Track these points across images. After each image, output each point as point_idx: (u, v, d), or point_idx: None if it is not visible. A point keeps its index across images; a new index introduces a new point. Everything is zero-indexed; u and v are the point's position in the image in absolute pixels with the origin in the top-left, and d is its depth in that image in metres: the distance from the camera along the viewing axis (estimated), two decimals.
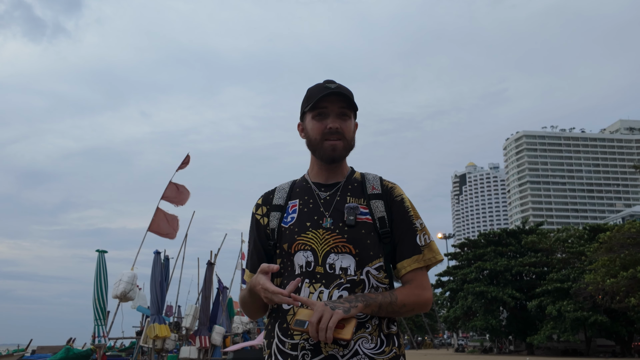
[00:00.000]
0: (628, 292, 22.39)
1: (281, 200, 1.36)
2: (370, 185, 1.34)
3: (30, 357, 10.50)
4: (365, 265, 1.25)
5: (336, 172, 1.35)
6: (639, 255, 22.64)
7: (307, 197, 1.33)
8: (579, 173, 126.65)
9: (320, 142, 1.30)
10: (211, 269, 11.53)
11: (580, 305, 25.84)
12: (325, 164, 1.33)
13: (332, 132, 1.29)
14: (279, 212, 1.34)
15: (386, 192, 1.33)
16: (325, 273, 1.23)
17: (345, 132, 1.31)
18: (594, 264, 24.57)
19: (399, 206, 1.31)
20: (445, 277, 37.31)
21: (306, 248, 1.26)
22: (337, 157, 1.31)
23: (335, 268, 1.23)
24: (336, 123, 1.30)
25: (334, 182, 1.35)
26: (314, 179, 1.37)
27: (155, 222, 9.91)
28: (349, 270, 1.24)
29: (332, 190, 1.33)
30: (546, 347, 32.03)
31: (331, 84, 1.32)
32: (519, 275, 33.00)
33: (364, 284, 1.23)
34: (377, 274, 1.26)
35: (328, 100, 1.30)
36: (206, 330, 10.80)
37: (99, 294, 9.01)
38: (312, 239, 1.26)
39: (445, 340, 56.25)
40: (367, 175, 1.38)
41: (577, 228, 33.05)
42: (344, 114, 1.31)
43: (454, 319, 34.09)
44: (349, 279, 1.23)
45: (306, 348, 1.19)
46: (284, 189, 1.39)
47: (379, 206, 1.30)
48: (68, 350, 8.66)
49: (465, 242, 36.91)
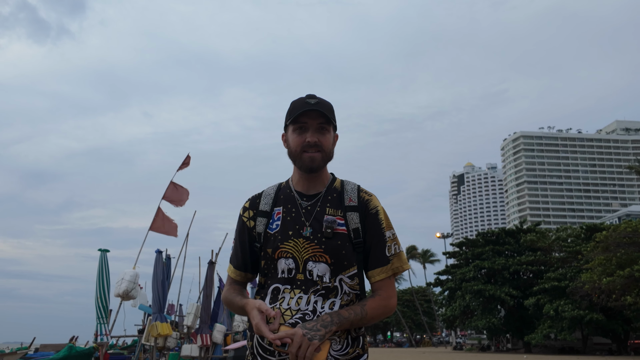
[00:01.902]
0: (624, 291, 22.55)
1: (267, 207, 1.46)
2: (348, 197, 1.43)
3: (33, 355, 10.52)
4: (339, 274, 1.37)
5: (316, 182, 1.45)
6: (634, 254, 22.81)
7: (290, 206, 1.44)
8: (576, 173, 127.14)
9: (300, 153, 1.41)
10: (212, 268, 11.60)
11: (577, 304, 26.01)
12: (304, 173, 1.44)
13: (311, 145, 1.40)
14: (264, 218, 1.45)
15: (362, 204, 1.43)
16: (305, 280, 1.35)
17: (324, 144, 1.41)
18: (590, 263, 24.72)
19: (373, 218, 1.42)
20: (443, 275, 37.47)
21: (288, 256, 1.38)
22: (315, 167, 1.41)
23: (313, 275, 1.36)
24: (314, 137, 1.40)
25: (315, 192, 1.45)
26: (296, 187, 1.47)
27: (157, 222, 9.99)
28: (324, 277, 1.36)
29: (313, 200, 1.43)
30: (543, 345, 32.22)
31: (311, 100, 1.41)
32: (516, 274, 33.18)
33: (337, 290, 1.36)
34: (350, 281, 1.38)
35: (308, 115, 1.40)
36: (207, 328, 10.87)
37: (101, 293, 9.05)
38: (293, 247, 1.38)
39: (444, 339, 56.47)
40: (346, 185, 1.47)
41: (574, 227, 33.26)
42: (323, 128, 1.41)
43: (452, 318, 34.25)
44: (324, 285, 1.35)
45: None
46: (269, 195, 1.48)
47: (354, 218, 1.41)
48: (71, 348, 8.70)
49: (463, 241, 37.07)
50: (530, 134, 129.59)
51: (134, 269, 9.44)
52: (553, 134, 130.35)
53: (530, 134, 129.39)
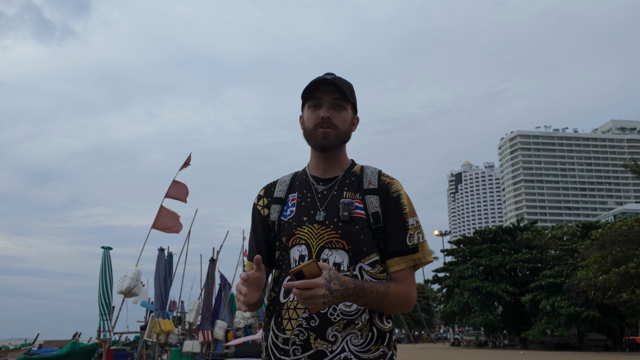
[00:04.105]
0: (619, 288, 22.76)
1: (282, 193, 1.36)
2: (367, 180, 1.32)
3: (37, 351, 10.58)
4: (358, 261, 1.24)
5: (334, 165, 1.34)
6: (630, 251, 23.01)
7: (305, 191, 1.33)
8: (572, 172, 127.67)
9: (313, 130, 1.30)
10: (213, 265, 11.69)
11: (573, 301, 26.24)
12: (318, 152, 1.33)
13: (324, 121, 1.29)
14: (279, 205, 1.34)
15: (383, 187, 1.30)
16: None
17: (338, 122, 1.30)
18: (586, 260, 24.93)
19: (394, 202, 1.29)
20: (441, 273, 37.69)
21: (301, 242, 1.27)
22: (327, 144, 1.30)
23: (329, 263, 1.23)
24: (328, 113, 1.29)
25: (332, 176, 1.34)
26: (312, 172, 1.36)
27: (159, 220, 10.07)
28: (342, 265, 1.23)
29: (330, 184, 1.32)
30: (540, 342, 32.49)
31: (328, 76, 1.32)
32: (513, 271, 33.42)
33: (357, 278, 1.22)
34: (371, 269, 1.25)
35: (323, 90, 1.30)
36: (209, 324, 10.96)
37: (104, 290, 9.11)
38: (307, 233, 1.27)
39: (442, 335, 56.77)
40: (366, 169, 1.36)
41: (569, 225, 33.52)
42: (338, 105, 1.31)
43: (450, 314, 34.47)
44: (342, 274, 1.20)
45: (296, 343, 1.20)
46: (284, 182, 1.38)
47: (373, 201, 1.28)
48: (74, 344, 8.76)
49: (461, 239, 37.26)
50: (527, 133, 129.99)
51: (136, 267, 9.51)
52: (549, 133, 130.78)
53: (527, 133, 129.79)
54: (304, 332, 1.21)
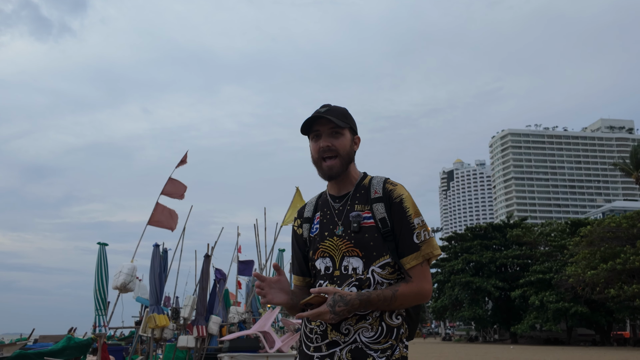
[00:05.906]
0: (607, 284, 23.15)
1: (309, 213, 1.59)
2: (374, 190, 1.49)
3: (33, 345, 10.55)
4: (370, 265, 1.43)
5: (345, 183, 1.53)
6: (618, 248, 23.40)
7: (326, 209, 1.55)
8: (562, 170, 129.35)
9: (319, 160, 1.50)
10: (208, 261, 11.71)
11: (562, 296, 26.66)
12: (326, 180, 1.54)
13: (325, 150, 1.47)
14: (308, 224, 1.58)
15: (386, 194, 1.47)
16: (341, 275, 1.45)
17: (339, 148, 1.48)
18: (575, 256, 25.33)
19: (397, 207, 1.45)
20: (433, 269, 38.10)
21: (325, 255, 1.49)
22: (334, 175, 1.49)
23: (349, 269, 1.45)
24: (327, 142, 1.47)
25: (345, 192, 1.53)
26: (330, 191, 1.57)
27: (155, 216, 10.08)
28: (358, 270, 1.44)
29: (343, 200, 1.52)
30: (529, 336, 33.01)
31: (322, 108, 1.50)
32: (503, 267, 33.88)
33: (369, 281, 1.42)
34: (381, 271, 1.43)
35: (319, 123, 1.48)
36: (203, 320, 11.01)
37: (100, 285, 9.12)
38: (329, 246, 1.48)
39: (433, 330, 57.32)
40: (374, 179, 1.53)
41: (558, 222, 34.01)
42: (336, 132, 1.48)
43: (441, 309, 34.87)
44: (358, 277, 1.43)
45: (317, 333, 1.44)
46: (312, 203, 1.62)
47: (379, 208, 1.45)
48: (69, 339, 8.77)
49: (452, 235, 37.66)
50: (517, 131, 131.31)
51: (131, 262, 9.52)
52: (540, 131, 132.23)
53: (517, 132, 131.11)
54: (323, 324, 1.44)
